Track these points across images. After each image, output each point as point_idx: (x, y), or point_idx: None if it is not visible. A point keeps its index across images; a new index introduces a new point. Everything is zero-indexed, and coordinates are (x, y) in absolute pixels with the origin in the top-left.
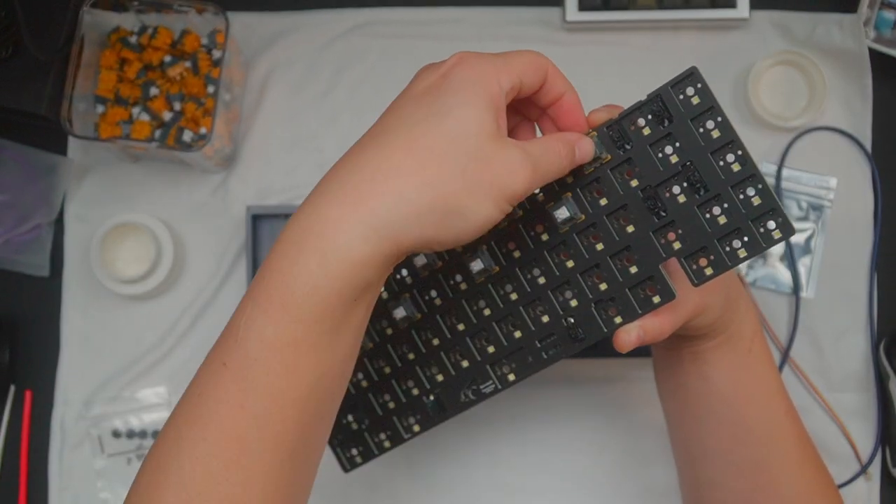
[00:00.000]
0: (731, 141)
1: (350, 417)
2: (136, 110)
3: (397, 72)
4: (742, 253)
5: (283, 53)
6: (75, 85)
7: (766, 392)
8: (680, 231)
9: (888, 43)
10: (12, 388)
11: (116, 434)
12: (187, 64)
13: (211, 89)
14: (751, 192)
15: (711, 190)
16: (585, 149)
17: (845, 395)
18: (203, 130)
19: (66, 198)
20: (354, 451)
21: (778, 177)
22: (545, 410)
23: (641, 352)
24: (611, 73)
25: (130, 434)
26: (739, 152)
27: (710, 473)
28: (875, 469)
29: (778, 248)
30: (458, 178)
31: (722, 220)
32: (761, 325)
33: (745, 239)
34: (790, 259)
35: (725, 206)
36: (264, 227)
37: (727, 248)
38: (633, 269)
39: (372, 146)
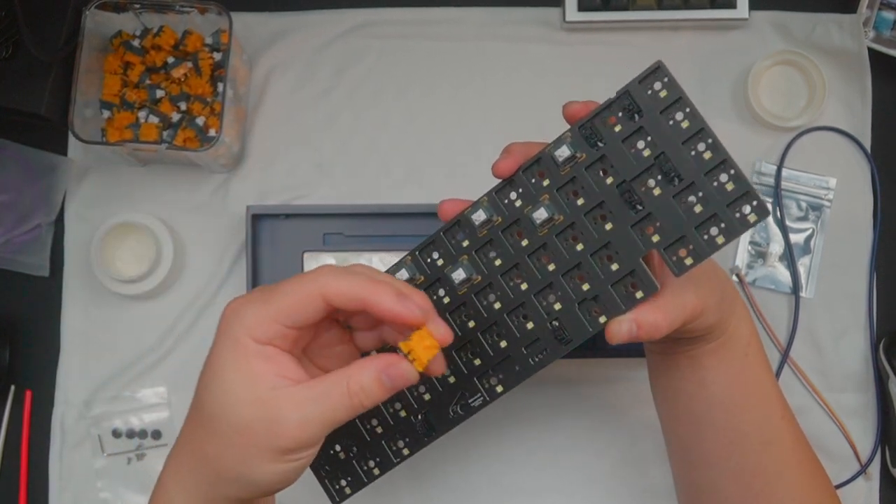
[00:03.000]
0: (700, 130)
1: (337, 447)
2: (142, 113)
3: (397, 72)
4: (720, 239)
5: (283, 53)
6: (79, 90)
7: (762, 396)
8: (658, 223)
9: (888, 43)
10: (12, 388)
11: (116, 434)
12: (190, 64)
13: (219, 88)
14: (724, 178)
15: (685, 179)
16: (399, 374)
17: (845, 395)
18: (212, 132)
19: (66, 198)
20: (343, 482)
21: (777, 177)
22: (545, 411)
23: (639, 352)
24: (611, 73)
25: (130, 434)
26: (710, 140)
27: (706, 478)
28: (875, 469)
29: (777, 248)
30: (227, 450)
31: (698, 208)
32: (757, 332)
33: (722, 225)
34: (790, 259)
35: (700, 194)
36: (264, 226)
37: (705, 236)
38: (615, 266)
39: (190, 413)
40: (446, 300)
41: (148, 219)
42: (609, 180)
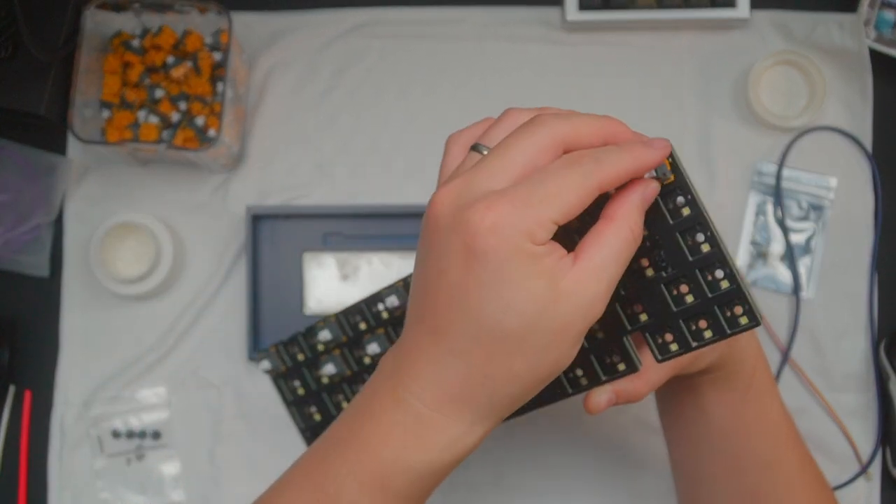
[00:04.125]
0: (700, 221)
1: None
2: (142, 113)
3: (397, 72)
4: (708, 334)
5: (283, 53)
6: (79, 90)
7: (765, 425)
8: (647, 304)
9: (888, 43)
10: (12, 388)
11: (116, 434)
12: (190, 64)
13: (219, 88)
14: (719, 274)
15: (679, 269)
16: (652, 193)
17: (845, 395)
18: (212, 132)
19: (66, 198)
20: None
21: (778, 177)
22: (545, 411)
23: None
24: (611, 73)
25: (130, 434)
26: (709, 233)
27: (706, 497)
28: (875, 469)
29: (778, 248)
30: (544, 359)
31: (689, 298)
32: (764, 356)
33: (712, 321)
34: (790, 259)
35: (693, 285)
36: (264, 227)
37: (693, 327)
38: (600, 335)
39: (444, 333)
40: None
41: (148, 219)
42: None
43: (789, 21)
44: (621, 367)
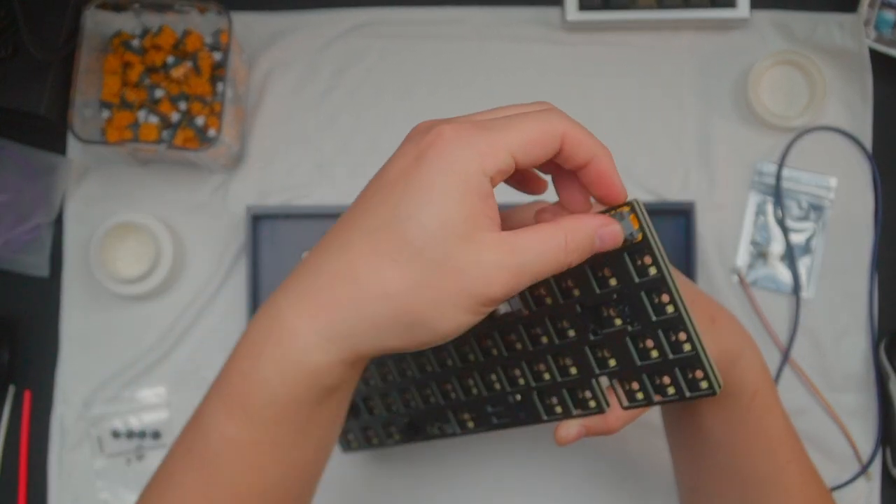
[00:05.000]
0: (665, 284)
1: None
2: (142, 113)
3: (397, 72)
4: (671, 391)
5: (283, 53)
6: (79, 90)
7: (766, 443)
8: (614, 352)
9: (888, 43)
10: (12, 388)
11: (116, 434)
12: (189, 64)
13: (219, 88)
14: (682, 336)
15: (643, 326)
16: (611, 236)
17: (845, 395)
18: (212, 132)
19: (66, 198)
20: (351, 437)
21: (778, 177)
22: None
23: None
24: (611, 73)
25: (130, 434)
26: (673, 296)
27: None
28: (875, 469)
29: (778, 248)
30: (422, 290)
31: (654, 353)
32: (769, 375)
33: (673, 379)
34: (790, 259)
35: (657, 342)
36: (264, 227)
37: (657, 382)
38: (574, 371)
39: (336, 246)
40: None
41: (148, 219)
42: (576, 292)
43: (789, 21)
44: (592, 403)
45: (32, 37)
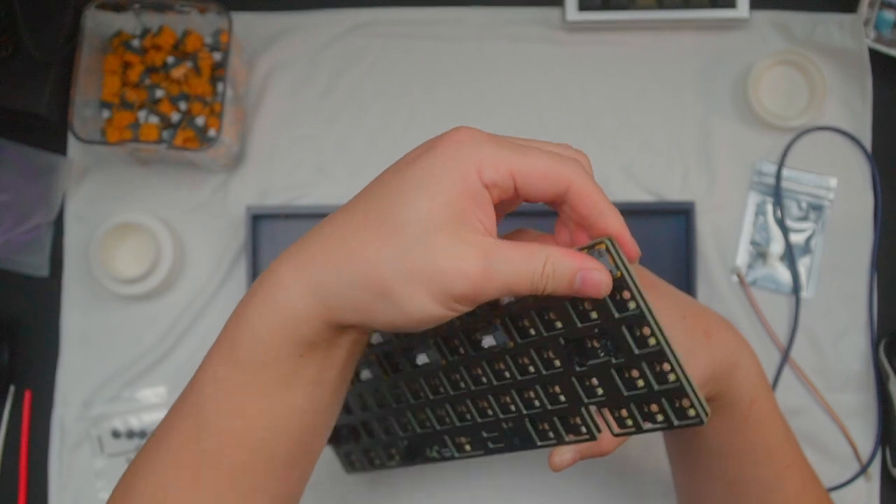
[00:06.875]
0: (643, 318)
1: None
2: (142, 113)
3: (397, 72)
4: (660, 418)
5: (283, 53)
6: (79, 90)
7: (764, 451)
8: (601, 383)
9: (888, 43)
10: (12, 389)
11: (116, 434)
12: (189, 64)
13: (219, 88)
14: (666, 367)
15: (627, 359)
16: (593, 283)
17: (845, 395)
18: (212, 132)
19: (66, 198)
20: (354, 458)
21: (778, 177)
22: None
23: None
24: (611, 73)
25: (130, 434)
26: (654, 330)
27: None
28: (875, 469)
29: (778, 248)
30: (395, 262)
31: (640, 383)
32: (766, 383)
33: (661, 408)
34: (790, 259)
35: (641, 373)
36: (264, 227)
37: (645, 409)
38: (563, 398)
39: (339, 216)
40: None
41: (148, 219)
42: (558, 324)
43: (789, 21)
44: (583, 430)
45: (32, 37)
